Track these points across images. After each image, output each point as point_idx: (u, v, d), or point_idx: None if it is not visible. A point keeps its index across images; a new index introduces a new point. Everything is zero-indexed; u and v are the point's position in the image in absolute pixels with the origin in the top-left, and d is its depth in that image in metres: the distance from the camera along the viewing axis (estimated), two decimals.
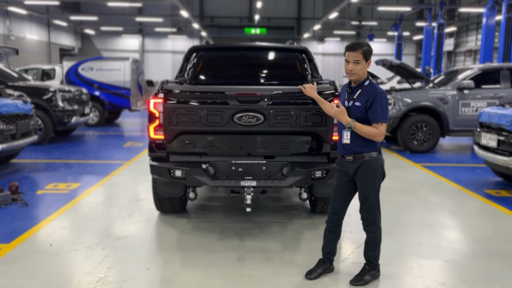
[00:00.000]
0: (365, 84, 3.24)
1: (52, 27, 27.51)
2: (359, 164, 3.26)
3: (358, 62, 3.15)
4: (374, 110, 3.15)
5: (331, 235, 3.52)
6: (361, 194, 3.35)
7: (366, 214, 3.36)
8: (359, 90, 3.24)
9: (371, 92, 3.17)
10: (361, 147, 3.24)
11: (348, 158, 3.31)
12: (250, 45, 5.85)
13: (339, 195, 3.44)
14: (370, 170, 3.24)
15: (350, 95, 3.29)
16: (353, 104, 3.25)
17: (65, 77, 13.51)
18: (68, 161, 8.16)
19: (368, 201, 3.31)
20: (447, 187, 6.54)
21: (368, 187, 3.28)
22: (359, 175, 3.29)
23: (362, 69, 3.18)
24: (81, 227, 4.62)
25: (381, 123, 3.16)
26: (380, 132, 3.17)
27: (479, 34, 26.64)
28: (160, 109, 4.00)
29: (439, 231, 4.68)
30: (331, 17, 22.08)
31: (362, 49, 3.14)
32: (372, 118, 3.17)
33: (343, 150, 3.36)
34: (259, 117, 3.92)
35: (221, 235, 4.46)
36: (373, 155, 3.25)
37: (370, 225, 3.36)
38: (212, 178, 4.01)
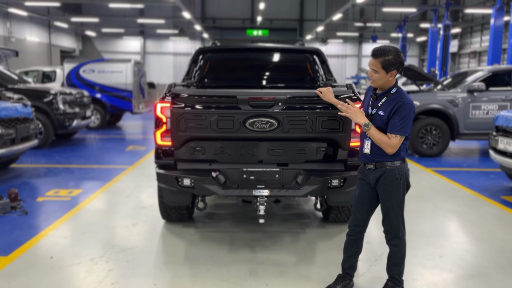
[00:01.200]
0: (391, 92, 2.98)
1: (53, 29, 27.31)
2: (380, 173, 3.03)
3: (375, 71, 2.92)
4: (393, 120, 2.91)
5: (352, 249, 3.29)
6: (383, 205, 3.11)
7: (389, 227, 3.12)
8: (384, 98, 2.98)
9: (396, 102, 2.91)
10: (383, 156, 3.00)
11: (369, 167, 3.09)
12: (259, 47, 5.62)
13: (361, 206, 3.22)
14: (393, 180, 3.01)
15: (375, 102, 3.05)
16: (376, 112, 3.00)
17: (66, 79, 13.30)
18: (69, 166, 7.94)
19: (391, 213, 3.07)
20: (462, 193, 6.31)
21: (391, 198, 3.04)
22: (380, 185, 3.06)
23: (381, 79, 2.93)
24: (84, 238, 4.39)
25: (396, 135, 2.90)
26: (392, 143, 2.90)
27: (483, 35, 26.43)
28: (167, 114, 3.77)
29: (460, 242, 4.45)
30: (334, 18, 21.86)
31: (384, 58, 2.86)
32: (389, 127, 2.93)
33: (364, 158, 3.14)
34: (272, 123, 3.69)
35: (231, 246, 4.23)
36: (396, 164, 3.00)
37: (393, 238, 3.13)
38: (222, 187, 3.78)
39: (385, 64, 2.87)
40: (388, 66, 2.87)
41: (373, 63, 2.91)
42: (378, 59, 2.88)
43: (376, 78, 2.94)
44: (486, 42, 25.59)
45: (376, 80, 2.95)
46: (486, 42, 25.25)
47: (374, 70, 2.92)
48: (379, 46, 2.96)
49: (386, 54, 2.87)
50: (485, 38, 26.22)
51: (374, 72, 2.93)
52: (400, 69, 2.92)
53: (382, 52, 2.88)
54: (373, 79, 2.96)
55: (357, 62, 35.09)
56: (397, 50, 2.90)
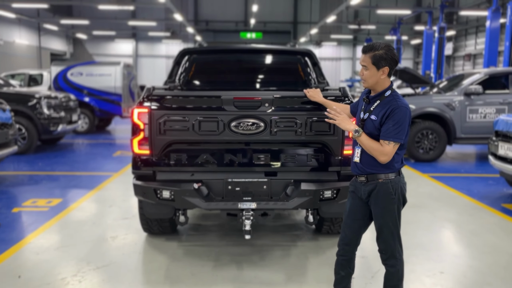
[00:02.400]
0: (385, 95, 2.69)
1: (43, 32, 26.90)
2: (372, 187, 2.72)
3: (365, 68, 2.66)
4: (386, 125, 2.60)
5: (343, 270, 2.95)
6: (376, 222, 2.79)
7: (383, 245, 2.80)
8: (377, 101, 2.69)
9: (390, 105, 2.62)
10: (375, 167, 2.70)
11: (361, 179, 2.78)
12: (248, 48, 5.33)
13: (352, 222, 2.89)
14: (386, 194, 2.70)
15: (367, 105, 2.76)
16: (368, 117, 2.71)
17: (53, 83, 12.92)
18: (52, 173, 7.60)
19: (385, 231, 2.75)
20: (461, 201, 6.04)
21: (384, 214, 2.73)
22: (373, 200, 2.75)
23: (372, 77, 2.65)
24: (57, 254, 4.07)
25: (389, 142, 2.59)
26: (385, 151, 2.60)
27: (478, 38, 26.34)
28: (145, 120, 3.47)
29: (462, 255, 4.16)
30: (328, 20, 21.65)
31: (373, 53, 2.61)
32: (382, 133, 2.62)
33: (355, 169, 2.82)
34: (259, 125, 3.43)
35: (216, 262, 3.92)
36: (390, 177, 2.69)
37: (389, 258, 2.81)
38: (205, 200, 3.48)
39: (375, 59, 2.61)
40: (378, 61, 2.61)
41: (363, 58, 2.67)
42: (368, 54, 2.63)
43: (367, 75, 2.67)
44: (481, 45, 25.51)
45: (367, 79, 2.69)
46: (481, 45, 25.17)
47: (364, 67, 2.67)
48: (370, 43, 2.70)
49: (376, 49, 2.61)
50: (479, 40, 26.14)
51: (365, 69, 2.67)
52: (393, 66, 2.65)
53: (371, 47, 2.63)
54: (364, 78, 2.70)
55: (352, 65, 34.93)
56: (388, 45, 2.64)
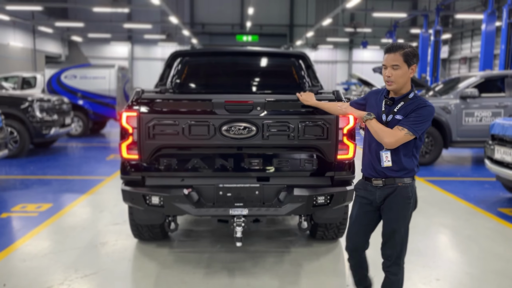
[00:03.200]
0: (409, 97, 2.63)
1: (38, 34, 26.75)
2: (390, 191, 2.66)
3: (397, 67, 2.56)
4: (408, 117, 2.57)
5: (360, 271, 2.97)
6: (388, 227, 2.71)
7: (390, 251, 2.72)
8: (401, 103, 2.63)
9: (418, 103, 2.58)
10: (396, 171, 2.64)
11: (376, 183, 2.70)
12: (241, 50, 5.26)
13: (358, 228, 2.83)
14: (404, 199, 2.64)
15: (390, 107, 2.67)
16: (393, 118, 2.63)
17: (46, 86, 12.80)
18: (43, 177, 7.49)
19: (397, 237, 2.69)
20: (457, 205, 5.97)
21: (399, 219, 2.67)
22: (388, 204, 2.68)
23: (403, 76, 2.58)
24: (45, 261, 3.96)
25: (403, 128, 2.54)
26: (393, 133, 2.55)
27: (474, 41, 26.41)
28: (133, 124, 3.39)
29: (458, 262, 4.09)
30: (324, 23, 21.64)
31: (403, 50, 2.55)
32: (402, 122, 2.58)
33: (371, 171, 2.73)
34: (250, 129, 3.36)
35: (207, 269, 3.82)
36: (408, 182, 2.65)
37: (393, 265, 2.72)
38: (195, 206, 3.40)
39: (407, 57, 2.55)
40: (410, 58, 2.56)
41: (393, 58, 2.56)
42: (399, 52, 2.56)
43: (398, 75, 2.56)
44: (476, 48, 25.57)
45: (396, 79, 2.58)
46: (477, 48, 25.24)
47: (395, 66, 2.56)
48: (392, 43, 2.65)
49: (403, 47, 2.57)
50: (475, 44, 26.21)
51: (395, 69, 2.56)
52: (417, 63, 2.64)
53: (399, 45, 2.58)
54: (394, 79, 2.58)
55: (348, 68, 34.95)
56: (411, 45, 2.66)
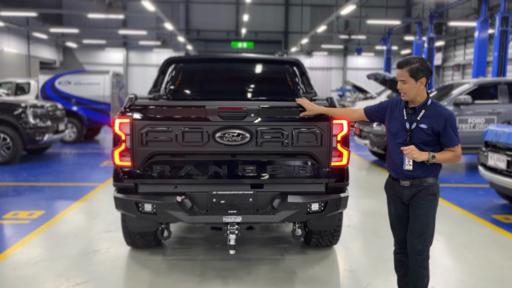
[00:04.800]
0: (428, 104, 2.88)
1: (32, 40, 26.67)
2: (417, 190, 2.90)
3: (404, 82, 2.83)
4: (448, 134, 2.82)
5: (404, 265, 3.10)
6: (419, 223, 2.90)
7: (422, 246, 2.90)
8: (423, 111, 2.87)
9: (440, 115, 2.83)
10: (423, 172, 2.88)
11: (404, 183, 2.93)
12: (235, 57, 5.26)
13: (401, 224, 3.05)
14: (431, 196, 2.89)
15: (412, 116, 2.89)
16: (417, 126, 2.86)
17: (40, 92, 12.73)
18: (36, 184, 7.42)
19: (427, 232, 2.91)
20: (451, 212, 5.98)
21: (429, 215, 2.90)
22: (416, 200, 2.90)
23: (411, 89, 2.82)
24: (36, 269, 3.91)
25: (456, 146, 2.86)
26: (459, 153, 2.88)
27: (467, 48, 26.62)
28: (126, 131, 3.37)
29: (453, 269, 4.08)
30: (319, 30, 21.75)
31: (409, 66, 2.79)
32: (448, 142, 2.85)
33: (398, 174, 2.94)
34: (244, 135, 3.35)
35: (201, 278, 3.79)
36: (432, 181, 2.90)
37: (424, 259, 2.92)
38: (188, 213, 3.37)
39: (412, 72, 2.79)
40: (415, 73, 2.79)
41: (400, 73, 2.84)
42: (405, 68, 2.81)
43: (407, 89, 2.83)
44: (469, 55, 25.78)
45: (407, 92, 2.84)
46: (470, 55, 25.44)
47: (403, 81, 2.83)
48: (404, 58, 2.88)
49: (411, 63, 2.80)
50: (468, 51, 26.43)
51: (403, 83, 2.83)
52: (429, 76, 2.84)
53: (407, 61, 2.83)
54: (404, 91, 2.85)
55: (342, 75, 35.10)
56: (422, 58, 2.85)
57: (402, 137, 2.89)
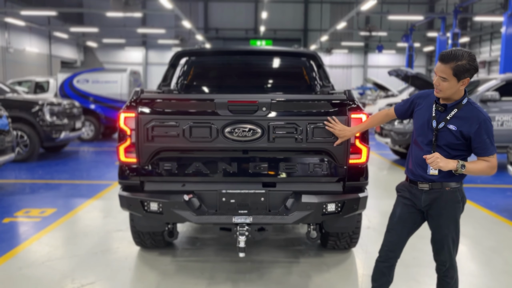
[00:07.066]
0: (463, 103, 2.52)
1: (54, 40, 27.04)
2: (436, 196, 2.58)
3: (444, 79, 2.42)
4: (483, 141, 2.47)
5: (383, 278, 2.76)
6: (440, 233, 2.62)
7: (446, 257, 2.64)
8: (455, 110, 2.51)
9: (475, 118, 2.46)
10: (444, 177, 2.55)
11: (423, 186, 2.61)
12: (249, 49, 5.04)
13: (402, 228, 2.72)
14: (453, 203, 2.58)
15: (442, 114, 2.54)
16: (445, 126, 2.52)
17: (59, 90, 12.80)
18: (50, 182, 7.38)
19: (450, 242, 2.62)
20: (477, 213, 5.65)
21: (450, 224, 2.60)
22: (437, 210, 2.59)
23: (451, 89, 2.45)
24: (42, 269, 3.79)
25: (491, 155, 2.51)
26: (493, 165, 2.51)
27: (493, 44, 25.82)
28: (132, 126, 3.20)
29: (480, 275, 3.79)
30: (339, 27, 21.37)
31: (456, 63, 2.37)
32: (481, 151, 2.50)
33: (416, 176, 2.62)
34: (255, 130, 3.14)
35: (210, 280, 3.60)
36: (455, 186, 2.57)
37: (449, 269, 2.67)
38: (196, 213, 3.18)
39: (457, 71, 2.39)
40: (461, 73, 2.39)
41: (442, 69, 2.41)
42: (449, 65, 2.39)
43: (445, 87, 2.44)
44: (496, 52, 24.98)
45: (444, 90, 2.46)
46: (496, 52, 24.65)
47: (443, 78, 2.43)
48: (449, 50, 2.45)
49: (458, 59, 2.38)
50: (494, 47, 25.62)
51: (443, 80, 2.43)
52: (473, 76, 2.47)
53: (454, 56, 2.39)
54: (440, 89, 2.47)
55: (363, 73, 34.54)
56: (471, 54, 2.42)
57: (426, 136, 2.57)
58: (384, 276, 2.76)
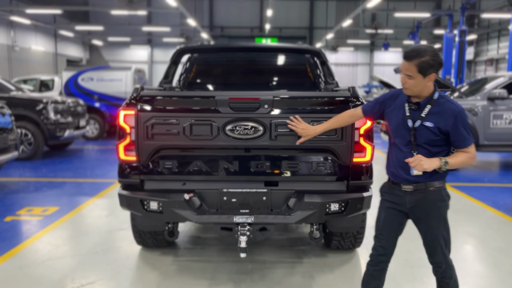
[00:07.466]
0: (434, 98, 2.47)
1: (59, 38, 27.11)
2: (421, 196, 2.52)
3: (410, 76, 2.40)
4: (460, 133, 2.43)
5: (373, 282, 2.68)
6: (430, 235, 2.56)
7: (441, 258, 2.57)
8: (428, 106, 2.46)
9: (450, 111, 2.43)
10: (428, 177, 2.50)
11: (406, 188, 2.55)
12: (252, 46, 4.96)
13: (388, 232, 2.66)
14: (440, 202, 2.52)
15: (416, 112, 2.49)
16: (421, 124, 2.46)
17: (64, 88, 12.81)
18: (54, 180, 7.36)
19: (442, 242, 2.55)
20: (485, 213, 5.55)
21: (439, 224, 2.54)
22: (423, 210, 2.53)
23: (417, 86, 2.42)
24: (42, 268, 3.76)
25: (469, 145, 2.48)
26: (473, 154, 2.49)
27: (501, 42, 25.55)
28: (131, 123, 3.15)
29: (487, 277, 3.71)
30: (344, 25, 21.24)
31: (419, 60, 2.35)
32: (460, 143, 2.47)
33: (399, 178, 2.57)
34: (257, 128, 3.08)
35: (211, 281, 3.55)
36: (439, 185, 2.52)
37: (446, 270, 2.59)
38: (197, 212, 3.13)
39: (421, 67, 2.36)
40: (425, 69, 2.36)
41: (407, 67, 2.39)
42: (413, 62, 2.37)
43: (412, 84, 2.41)
44: (503, 49, 24.71)
45: (410, 87, 2.43)
46: (504, 49, 24.38)
47: (408, 76, 2.40)
48: (411, 46, 2.45)
49: (422, 55, 2.35)
50: (502, 44, 25.35)
51: (409, 78, 2.41)
52: (439, 70, 2.43)
53: (417, 53, 2.37)
54: (407, 86, 2.44)
55: (369, 71, 34.33)
56: (434, 50, 2.40)
57: (404, 137, 2.50)
58: (374, 280, 2.69)
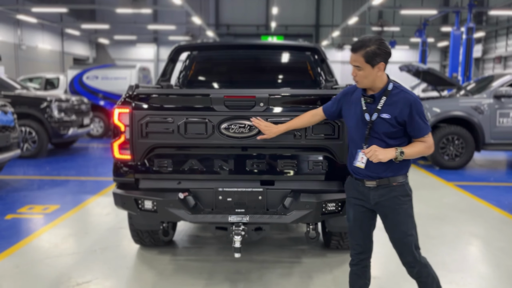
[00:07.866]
0: (389, 89, 2.46)
1: (66, 37, 27.21)
2: (385, 192, 2.48)
3: (359, 68, 2.40)
4: (416, 123, 2.41)
5: (359, 280, 2.67)
6: (398, 232, 2.51)
7: (411, 257, 2.51)
8: (383, 98, 2.45)
9: (405, 100, 2.41)
10: (389, 171, 2.46)
11: (369, 184, 2.51)
12: (251, 43, 4.90)
13: (360, 230, 2.64)
14: (404, 197, 2.48)
15: (371, 105, 2.47)
16: (378, 117, 2.44)
17: (69, 86, 12.85)
18: (57, 178, 7.37)
19: (410, 239, 2.49)
20: (489, 213, 5.46)
21: (407, 220, 2.49)
22: (389, 207, 2.48)
23: (368, 77, 2.41)
24: (39, 267, 3.75)
25: (426, 135, 2.46)
26: (430, 143, 2.47)
27: (509, 39, 25.25)
28: (126, 122, 3.12)
29: (490, 278, 3.64)
30: (350, 22, 21.08)
31: (365, 50, 2.35)
32: (416, 133, 2.45)
33: (360, 173, 2.53)
34: (253, 126, 3.03)
35: (208, 281, 3.52)
36: (402, 180, 2.49)
37: (421, 269, 2.53)
38: (191, 212, 3.09)
39: (368, 57, 2.36)
40: (372, 58, 2.36)
41: (355, 58, 2.41)
42: (359, 53, 2.38)
43: (362, 76, 2.42)
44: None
45: (361, 79, 2.43)
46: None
47: (357, 67, 2.40)
48: (358, 39, 2.44)
49: (367, 45, 2.36)
50: (511, 42, 25.05)
51: (358, 70, 2.41)
52: (387, 60, 2.41)
53: (362, 43, 2.38)
54: (358, 79, 2.44)
55: None
56: (379, 39, 2.40)
57: (363, 131, 2.47)
58: (360, 279, 2.67)
